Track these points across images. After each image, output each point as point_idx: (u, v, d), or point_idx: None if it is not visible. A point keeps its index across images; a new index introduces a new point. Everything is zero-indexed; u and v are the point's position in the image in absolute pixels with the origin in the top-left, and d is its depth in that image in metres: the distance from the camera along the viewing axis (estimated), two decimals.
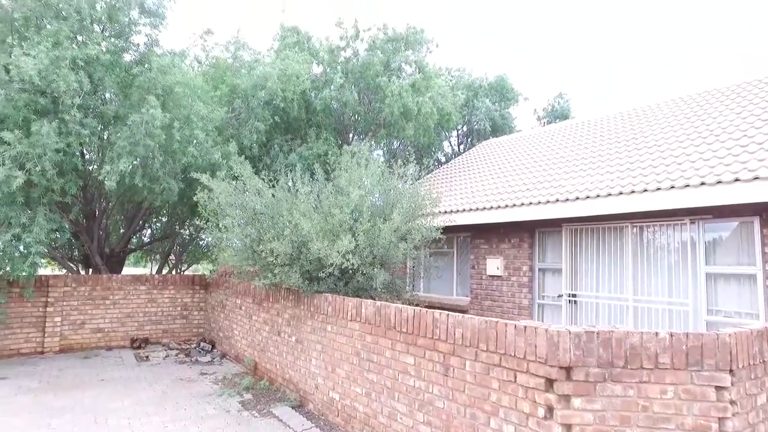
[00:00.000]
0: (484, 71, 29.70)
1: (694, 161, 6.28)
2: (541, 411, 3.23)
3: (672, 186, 5.92)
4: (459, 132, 20.86)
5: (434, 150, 19.58)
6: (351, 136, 15.54)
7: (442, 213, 8.82)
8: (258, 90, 12.01)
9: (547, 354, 3.20)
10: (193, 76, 10.55)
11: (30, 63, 7.36)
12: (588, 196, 6.86)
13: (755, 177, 5.19)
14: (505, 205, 8.08)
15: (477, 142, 18.30)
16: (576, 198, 7.02)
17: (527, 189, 8.33)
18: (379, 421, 4.81)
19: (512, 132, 18.78)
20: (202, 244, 15.85)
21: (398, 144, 17.90)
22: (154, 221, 15.19)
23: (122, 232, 13.29)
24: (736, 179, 5.36)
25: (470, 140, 20.27)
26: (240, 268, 7.54)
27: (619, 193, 6.49)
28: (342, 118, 14.97)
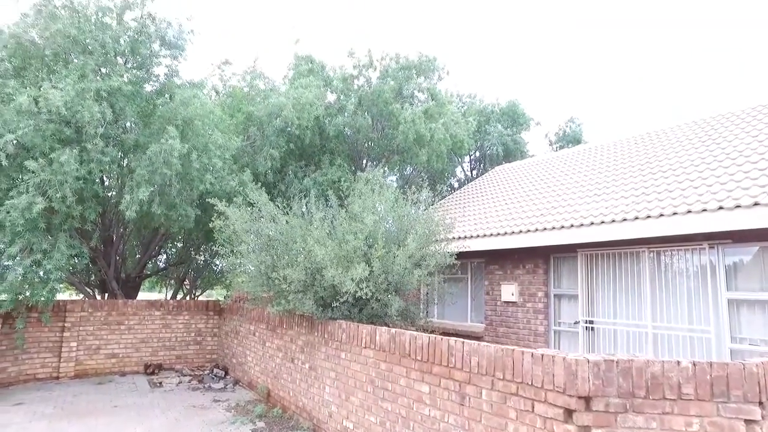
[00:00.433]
0: (496, 97, 30.04)
1: (711, 185, 6.22)
2: None
3: (689, 210, 5.85)
4: (471, 157, 20.95)
5: (447, 175, 19.68)
6: (364, 162, 15.71)
7: (456, 239, 8.79)
8: (273, 118, 12.29)
9: (566, 383, 3.13)
10: (212, 107, 10.84)
11: (57, 95, 7.68)
12: (603, 221, 6.80)
13: None
14: (519, 231, 8.04)
15: (489, 168, 18.34)
16: (591, 223, 6.96)
17: (541, 214, 8.29)
18: None
19: (525, 157, 18.78)
20: (216, 270, 15.96)
21: (411, 170, 18.03)
22: (170, 247, 15.38)
23: (138, 258, 13.46)
24: (756, 203, 5.28)
25: (483, 165, 20.34)
26: (254, 294, 7.57)
27: (635, 218, 6.43)
28: (355, 145, 15.18)
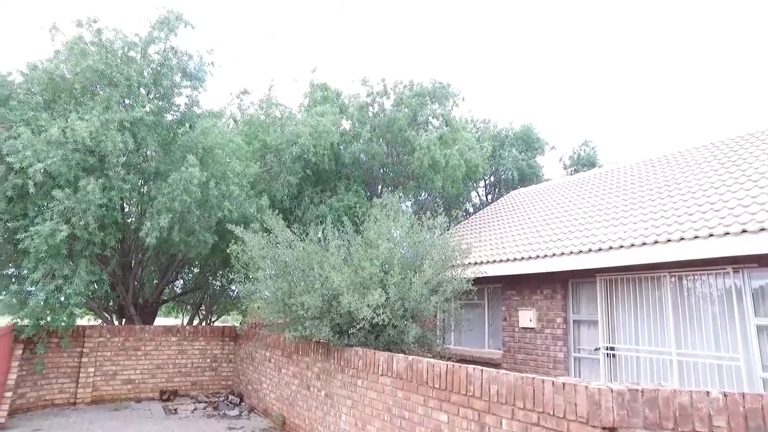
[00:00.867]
0: (509, 121, 30.07)
1: (733, 207, 6.11)
2: None
3: (710, 234, 5.74)
4: (486, 182, 20.93)
5: (462, 200, 19.64)
6: (380, 188, 15.83)
7: (472, 264, 8.72)
8: (290, 146, 12.52)
9: (589, 413, 3.05)
10: (231, 136, 11.12)
11: (83, 126, 7.98)
12: (622, 246, 6.70)
13: None
14: (537, 256, 7.95)
15: (504, 192, 18.29)
16: (609, 247, 6.86)
17: (558, 239, 8.21)
18: None
19: (540, 181, 18.71)
20: (232, 296, 16.02)
21: (426, 195, 18.08)
22: (187, 272, 15.52)
23: (156, 283, 13.61)
24: None
25: (497, 190, 20.29)
26: (270, 320, 7.57)
27: (655, 242, 6.32)
28: (371, 171, 15.33)
